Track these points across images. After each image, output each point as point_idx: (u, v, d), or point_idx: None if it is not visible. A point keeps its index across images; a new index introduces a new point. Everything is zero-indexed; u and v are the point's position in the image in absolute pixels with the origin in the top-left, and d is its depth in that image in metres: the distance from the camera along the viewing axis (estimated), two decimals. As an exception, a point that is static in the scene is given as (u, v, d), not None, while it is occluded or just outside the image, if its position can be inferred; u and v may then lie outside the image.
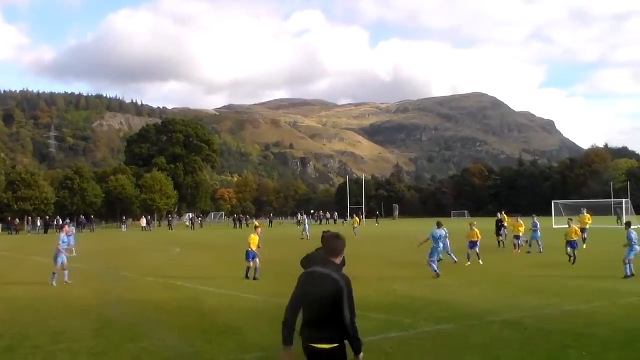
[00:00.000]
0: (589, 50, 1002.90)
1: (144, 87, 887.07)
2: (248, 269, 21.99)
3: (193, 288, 19.79)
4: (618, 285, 18.81)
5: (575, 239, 25.47)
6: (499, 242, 35.45)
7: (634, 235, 20.75)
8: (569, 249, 24.96)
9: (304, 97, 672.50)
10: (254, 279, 21.50)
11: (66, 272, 21.67)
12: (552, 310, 14.57)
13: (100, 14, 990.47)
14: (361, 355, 5.93)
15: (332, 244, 6.26)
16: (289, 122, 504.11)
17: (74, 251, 34.80)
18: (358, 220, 60.09)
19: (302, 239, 49.70)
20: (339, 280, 5.88)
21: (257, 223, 29.88)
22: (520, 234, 32.27)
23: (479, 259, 25.71)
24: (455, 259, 26.10)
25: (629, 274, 20.04)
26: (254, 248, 22.24)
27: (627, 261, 20.42)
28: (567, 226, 26.59)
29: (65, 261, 21.90)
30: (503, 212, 42.60)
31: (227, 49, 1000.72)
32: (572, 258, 24.64)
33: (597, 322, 13.05)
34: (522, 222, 32.58)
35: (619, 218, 65.15)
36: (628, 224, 21.67)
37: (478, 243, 26.40)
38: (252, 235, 22.66)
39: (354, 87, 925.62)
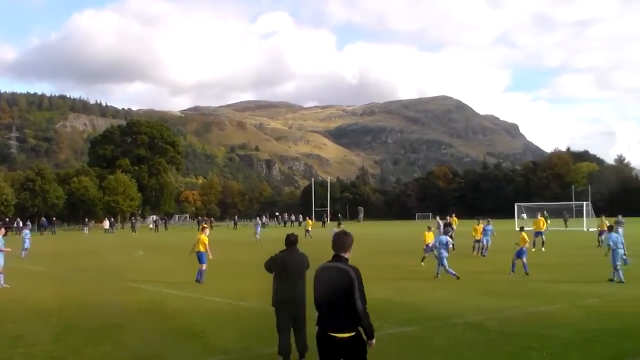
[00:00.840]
0: (553, 55, 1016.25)
1: (109, 88, 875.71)
2: (200, 271, 21.45)
3: (156, 291, 19.62)
4: (578, 287, 19.08)
5: (522, 246, 23.23)
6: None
7: (614, 237, 20.58)
8: (516, 257, 23.04)
9: (270, 99, 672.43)
10: (196, 281, 21.10)
11: (1, 276, 21.20)
12: (514, 312, 14.74)
13: (65, 14, 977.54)
14: (373, 340, 6.54)
15: (342, 239, 6.83)
16: (254, 124, 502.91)
17: (24, 254, 34.50)
18: (311, 223, 59.81)
19: (255, 240, 50.52)
20: (350, 272, 6.46)
21: (204, 224, 29.65)
22: (479, 237, 32.28)
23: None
24: None
25: (621, 279, 19.68)
26: (204, 249, 21.84)
27: (617, 267, 20.02)
28: (520, 233, 24.26)
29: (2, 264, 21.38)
30: (453, 215, 42.96)
31: (193, 51, 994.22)
32: (524, 266, 22.73)
33: (558, 323, 13.21)
34: (482, 226, 32.62)
35: (566, 221, 66.01)
36: (610, 227, 21.12)
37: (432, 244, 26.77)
38: (203, 236, 22.20)
39: (320, 90, 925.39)
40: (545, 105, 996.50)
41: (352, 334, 6.35)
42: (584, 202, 65.55)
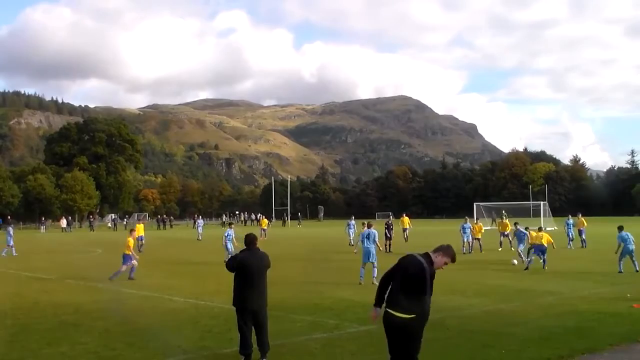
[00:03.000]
0: (509, 56, 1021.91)
1: (65, 85, 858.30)
2: (118, 272, 21.86)
3: (115, 290, 19.40)
4: (536, 285, 19.40)
5: (539, 242, 23.60)
6: (386, 246, 32.75)
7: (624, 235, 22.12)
8: (538, 255, 23.56)
9: (229, 97, 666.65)
10: (110, 279, 21.55)
11: None
12: (473, 310, 14.91)
13: (17, 7, 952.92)
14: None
15: (442, 247, 7.87)
16: (214, 122, 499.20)
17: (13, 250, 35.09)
18: (266, 222, 59.39)
19: (198, 239, 50.93)
20: (424, 264, 7.53)
21: (133, 227, 30.05)
22: (480, 236, 33.46)
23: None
24: None
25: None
26: (130, 252, 22.14)
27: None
28: (539, 230, 24.71)
29: None
30: (405, 214, 43.39)
31: (151, 48, 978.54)
32: (543, 263, 23.54)
33: (516, 321, 13.44)
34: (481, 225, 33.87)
35: (494, 220, 66.32)
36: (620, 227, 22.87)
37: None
38: (129, 238, 22.53)
39: (278, 88, 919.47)
40: (502, 106, 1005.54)
41: (413, 315, 7.43)
42: (541, 202, 66.58)
